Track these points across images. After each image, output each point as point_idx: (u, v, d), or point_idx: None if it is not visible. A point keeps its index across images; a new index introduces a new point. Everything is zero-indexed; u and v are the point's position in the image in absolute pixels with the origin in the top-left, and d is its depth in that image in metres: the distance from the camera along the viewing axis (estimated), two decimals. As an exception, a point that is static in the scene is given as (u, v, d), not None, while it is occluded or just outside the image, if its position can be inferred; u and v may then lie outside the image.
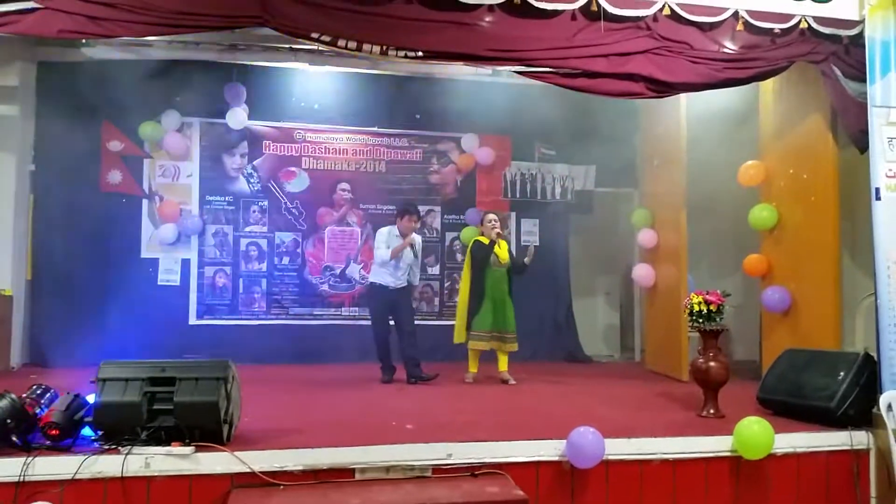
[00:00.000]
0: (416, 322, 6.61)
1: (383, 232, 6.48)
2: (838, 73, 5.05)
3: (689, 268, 6.73)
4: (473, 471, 3.77)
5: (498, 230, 6.37)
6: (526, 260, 6.40)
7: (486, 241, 6.35)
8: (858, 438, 4.27)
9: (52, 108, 7.33)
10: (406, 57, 4.80)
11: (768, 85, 6.07)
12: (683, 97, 6.38)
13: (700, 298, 4.75)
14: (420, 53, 4.77)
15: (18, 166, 7.26)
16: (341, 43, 4.64)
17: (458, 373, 6.53)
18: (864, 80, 4.78)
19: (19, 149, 7.28)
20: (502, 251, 6.38)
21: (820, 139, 5.65)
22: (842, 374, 4.51)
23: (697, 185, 6.96)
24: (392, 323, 6.47)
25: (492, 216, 6.50)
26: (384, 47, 4.70)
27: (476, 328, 6.32)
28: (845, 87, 5.03)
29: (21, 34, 4.68)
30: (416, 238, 6.53)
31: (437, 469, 3.76)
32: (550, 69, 4.97)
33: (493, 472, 3.78)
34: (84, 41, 6.67)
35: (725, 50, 4.95)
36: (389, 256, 6.29)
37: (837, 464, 4.24)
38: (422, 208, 8.27)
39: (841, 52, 5.03)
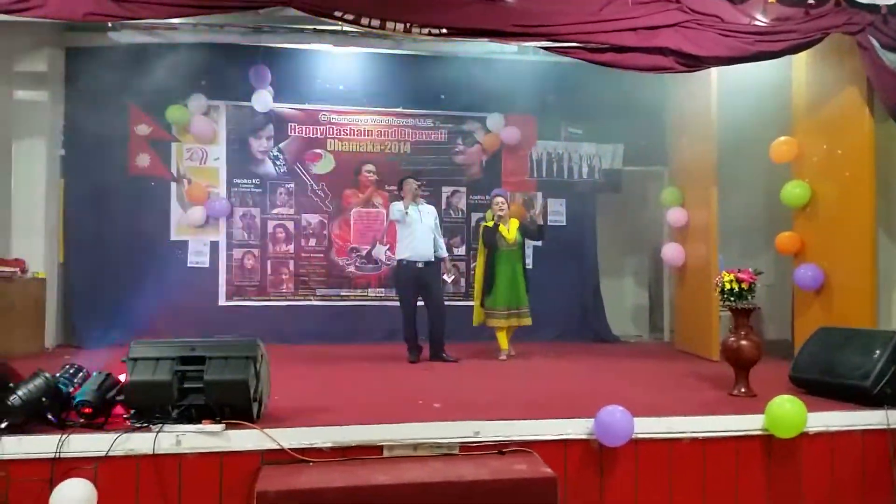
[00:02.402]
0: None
1: (394, 203, 6.57)
2: (875, 44, 4.92)
3: (719, 246, 6.61)
4: (501, 448, 3.76)
5: (501, 213, 6.47)
6: (532, 225, 6.57)
7: (490, 224, 6.54)
8: (895, 417, 4.19)
9: (80, 93, 7.42)
10: (430, 34, 4.76)
11: (802, 58, 5.90)
12: (714, 71, 6.25)
13: (732, 276, 4.67)
14: (444, 31, 4.73)
15: (48, 151, 7.36)
16: (364, 21, 4.62)
17: (485, 352, 6.55)
18: (902, 51, 4.65)
19: (49, 134, 7.37)
20: (510, 231, 6.48)
21: (855, 113, 5.50)
22: (877, 352, 4.40)
23: (728, 162, 6.82)
24: (421, 302, 6.48)
25: (499, 198, 6.63)
26: (408, 25, 4.67)
27: (491, 306, 6.45)
28: (883, 59, 4.91)
29: (46, 18, 4.71)
30: (430, 208, 6.61)
31: (464, 447, 3.76)
32: (578, 44, 4.91)
33: (521, 449, 3.76)
34: (110, 25, 6.72)
35: (757, 22, 4.84)
36: (404, 206, 6.28)
37: (873, 443, 4.15)
38: (447, 189, 8.33)
39: (879, 22, 4.91)
